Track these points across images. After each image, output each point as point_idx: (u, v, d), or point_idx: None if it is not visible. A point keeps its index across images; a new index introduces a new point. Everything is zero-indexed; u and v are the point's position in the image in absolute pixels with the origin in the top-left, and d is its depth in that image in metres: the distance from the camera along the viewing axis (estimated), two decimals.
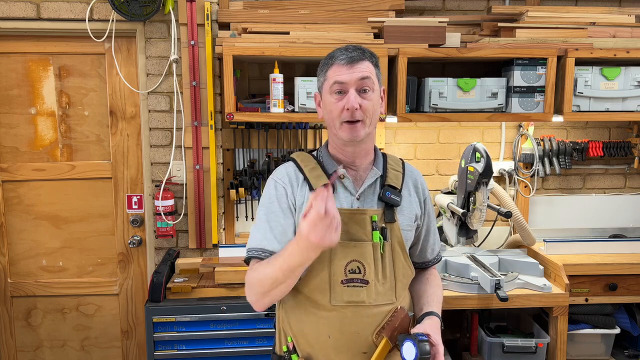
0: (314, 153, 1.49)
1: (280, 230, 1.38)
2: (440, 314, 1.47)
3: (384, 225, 1.41)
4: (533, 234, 2.50)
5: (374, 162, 1.46)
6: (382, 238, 1.40)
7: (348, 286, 1.37)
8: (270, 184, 1.45)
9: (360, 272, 1.37)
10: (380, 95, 1.40)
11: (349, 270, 1.37)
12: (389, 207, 1.42)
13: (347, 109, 1.31)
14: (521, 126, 2.76)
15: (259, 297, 1.34)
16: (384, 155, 1.51)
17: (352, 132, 1.34)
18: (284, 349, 1.46)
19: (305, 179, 1.42)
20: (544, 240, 2.53)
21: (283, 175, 1.44)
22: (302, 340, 1.42)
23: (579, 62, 2.36)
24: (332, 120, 1.37)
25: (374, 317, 1.39)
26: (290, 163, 1.48)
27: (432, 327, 1.37)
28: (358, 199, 1.41)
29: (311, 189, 1.39)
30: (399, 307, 1.42)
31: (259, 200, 2.43)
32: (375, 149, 1.49)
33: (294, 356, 1.43)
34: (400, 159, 1.54)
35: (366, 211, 1.40)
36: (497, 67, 2.53)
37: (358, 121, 1.33)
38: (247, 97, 2.63)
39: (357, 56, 1.34)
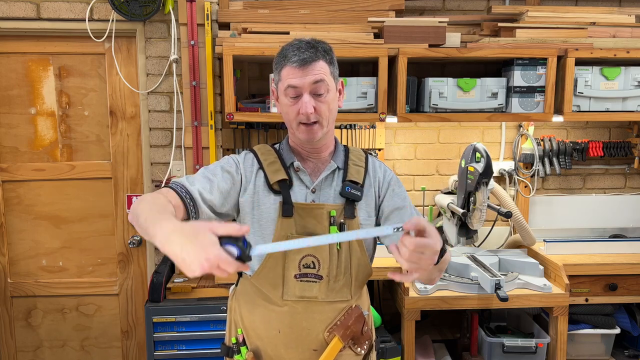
0: (276, 146, 1.48)
1: (208, 186, 1.30)
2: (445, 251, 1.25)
3: (342, 220, 1.38)
4: (533, 234, 2.50)
5: (332, 156, 1.45)
6: None
7: (301, 281, 1.36)
8: (225, 157, 1.43)
9: (314, 267, 1.36)
10: (337, 89, 1.39)
11: (303, 265, 1.36)
12: (350, 202, 1.40)
13: (302, 114, 1.31)
14: (521, 126, 2.76)
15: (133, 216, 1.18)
16: (347, 150, 1.49)
17: (309, 133, 1.34)
18: (233, 340, 1.45)
19: (261, 168, 1.40)
20: (544, 240, 2.53)
21: (241, 157, 1.43)
22: (252, 333, 1.41)
23: (579, 62, 2.35)
24: (289, 122, 1.37)
25: (326, 314, 1.37)
26: (250, 154, 1.45)
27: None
28: (313, 192, 1.40)
29: (267, 181, 1.38)
30: (353, 306, 1.40)
31: None
32: (336, 142, 1.48)
33: (242, 348, 1.42)
34: (365, 153, 1.51)
35: (324, 206, 1.38)
36: (497, 67, 2.53)
37: (315, 123, 1.33)
38: (247, 97, 2.63)
39: (310, 57, 1.30)
